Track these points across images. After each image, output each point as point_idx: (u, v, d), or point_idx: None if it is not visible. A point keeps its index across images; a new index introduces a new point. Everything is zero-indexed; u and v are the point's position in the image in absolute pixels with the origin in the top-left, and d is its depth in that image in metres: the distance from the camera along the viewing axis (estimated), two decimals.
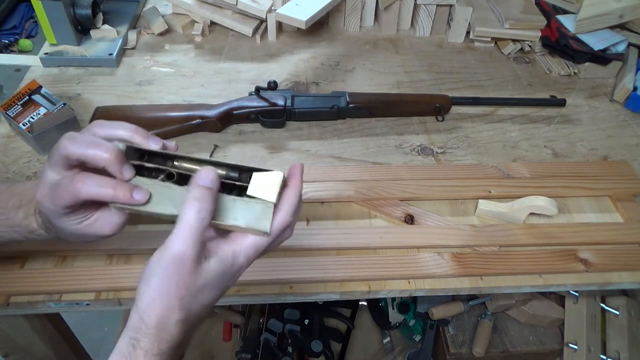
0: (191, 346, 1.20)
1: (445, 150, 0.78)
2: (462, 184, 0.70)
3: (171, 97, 0.85)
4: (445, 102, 0.83)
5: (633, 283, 0.62)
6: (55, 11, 0.86)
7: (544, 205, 0.64)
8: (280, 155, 0.76)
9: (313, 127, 0.82)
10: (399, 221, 0.66)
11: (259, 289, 0.58)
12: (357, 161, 0.76)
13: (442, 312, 1.04)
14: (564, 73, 0.96)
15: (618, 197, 0.71)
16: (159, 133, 0.75)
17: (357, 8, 1.03)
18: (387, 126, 0.83)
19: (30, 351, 0.72)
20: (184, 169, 0.41)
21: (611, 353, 0.96)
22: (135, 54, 0.95)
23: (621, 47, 0.97)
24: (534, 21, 0.99)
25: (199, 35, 1.00)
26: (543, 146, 0.81)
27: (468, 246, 0.63)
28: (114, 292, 0.57)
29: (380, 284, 0.60)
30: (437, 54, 1.01)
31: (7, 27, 0.92)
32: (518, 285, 0.61)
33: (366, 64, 0.97)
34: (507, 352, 1.03)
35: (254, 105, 0.79)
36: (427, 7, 1.02)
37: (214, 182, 0.38)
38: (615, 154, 0.80)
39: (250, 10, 0.97)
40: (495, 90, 0.92)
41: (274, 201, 0.39)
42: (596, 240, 0.65)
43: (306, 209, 0.67)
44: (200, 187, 0.37)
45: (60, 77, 0.88)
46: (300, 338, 1.11)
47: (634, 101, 0.89)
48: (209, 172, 0.38)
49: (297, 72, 0.94)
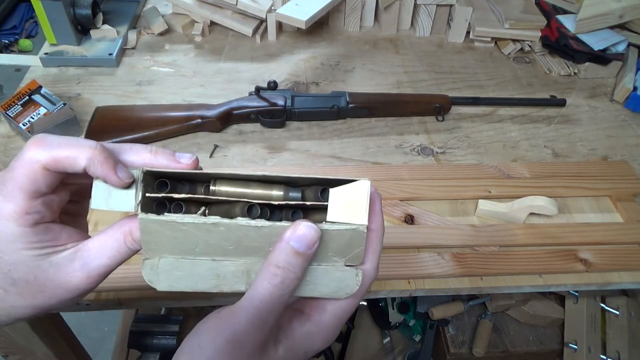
0: None
1: (445, 150, 0.78)
2: (462, 184, 0.70)
3: (171, 97, 0.85)
4: (445, 102, 0.83)
5: (633, 283, 0.62)
6: (55, 11, 0.86)
7: (544, 205, 0.64)
8: (280, 155, 0.76)
9: (313, 127, 0.82)
10: (399, 221, 0.66)
11: None
12: (357, 161, 0.76)
13: (442, 312, 1.04)
14: (564, 73, 0.96)
15: (618, 197, 0.71)
16: (159, 133, 0.75)
17: (357, 8, 1.03)
18: (387, 126, 0.83)
19: (30, 351, 0.72)
20: (232, 195, 0.30)
21: (611, 353, 0.96)
22: (135, 54, 0.95)
23: (621, 47, 0.97)
24: (534, 21, 0.99)
25: (199, 35, 1.00)
26: (543, 146, 0.81)
27: (468, 246, 0.63)
28: (114, 292, 0.57)
29: (380, 284, 0.60)
30: (437, 54, 1.01)
31: (7, 27, 0.92)
32: (518, 285, 0.61)
33: (366, 64, 0.97)
34: (507, 352, 1.03)
35: (254, 105, 0.79)
36: (427, 7, 1.01)
37: (312, 246, 0.27)
38: (615, 154, 0.80)
39: (250, 10, 0.97)
40: (495, 90, 0.92)
41: (364, 229, 0.28)
42: (596, 240, 0.65)
43: None
44: (292, 251, 0.27)
45: (60, 77, 0.88)
46: None
47: (634, 101, 0.89)
48: (309, 230, 0.27)
49: (297, 72, 0.94)
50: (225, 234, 0.28)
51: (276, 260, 0.27)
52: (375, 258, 0.30)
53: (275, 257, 0.27)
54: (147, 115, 0.77)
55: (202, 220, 0.27)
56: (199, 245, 0.28)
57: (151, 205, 0.30)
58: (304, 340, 0.30)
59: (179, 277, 0.29)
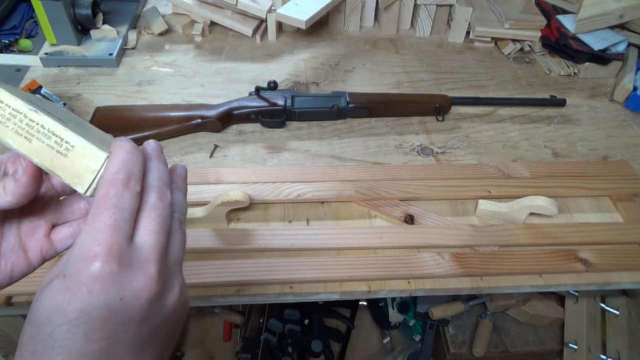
0: (191, 346, 1.20)
1: (445, 150, 0.78)
2: (462, 184, 0.70)
3: (171, 97, 0.85)
4: (445, 102, 0.83)
5: (633, 283, 0.62)
6: (55, 11, 0.86)
7: (544, 205, 0.64)
8: (280, 155, 0.76)
9: (313, 127, 0.82)
10: (399, 221, 0.66)
11: (259, 289, 0.58)
12: (357, 161, 0.76)
13: (442, 312, 1.04)
14: (564, 73, 0.96)
15: (618, 197, 0.71)
16: (159, 133, 0.75)
17: (357, 8, 1.03)
18: (387, 126, 0.83)
19: None
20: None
21: (611, 353, 0.96)
22: (135, 54, 0.95)
23: (621, 47, 0.97)
24: (534, 21, 0.99)
25: (199, 35, 1.00)
26: (543, 146, 0.81)
27: (468, 246, 0.63)
28: None
29: (380, 284, 0.60)
30: (437, 54, 1.01)
31: (7, 27, 0.91)
32: (518, 285, 0.61)
33: (366, 64, 0.97)
34: (507, 352, 1.03)
35: (254, 105, 0.79)
36: (427, 7, 1.02)
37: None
38: (615, 154, 0.80)
39: (250, 10, 0.97)
40: (495, 90, 0.92)
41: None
42: (596, 240, 0.65)
43: (306, 209, 0.67)
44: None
45: (60, 77, 0.88)
46: (300, 338, 1.11)
47: (634, 101, 0.89)
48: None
49: (297, 72, 0.94)
50: None
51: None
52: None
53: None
54: (147, 115, 0.77)
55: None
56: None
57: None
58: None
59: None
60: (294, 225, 0.65)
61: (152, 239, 0.28)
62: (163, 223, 0.29)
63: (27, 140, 0.30)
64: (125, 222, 0.27)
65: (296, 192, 0.67)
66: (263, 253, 0.61)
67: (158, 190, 0.30)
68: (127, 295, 0.26)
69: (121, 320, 0.26)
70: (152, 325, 0.28)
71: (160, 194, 0.30)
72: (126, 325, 0.26)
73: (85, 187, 0.30)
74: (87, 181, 0.30)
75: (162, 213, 0.30)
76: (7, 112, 0.30)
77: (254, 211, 0.66)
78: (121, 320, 0.26)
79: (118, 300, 0.26)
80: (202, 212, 0.62)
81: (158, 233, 0.29)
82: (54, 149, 0.30)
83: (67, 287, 0.26)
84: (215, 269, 0.58)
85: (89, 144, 0.30)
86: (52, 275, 0.28)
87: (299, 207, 0.67)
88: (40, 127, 0.30)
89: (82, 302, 0.25)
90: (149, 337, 0.28)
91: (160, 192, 0.30)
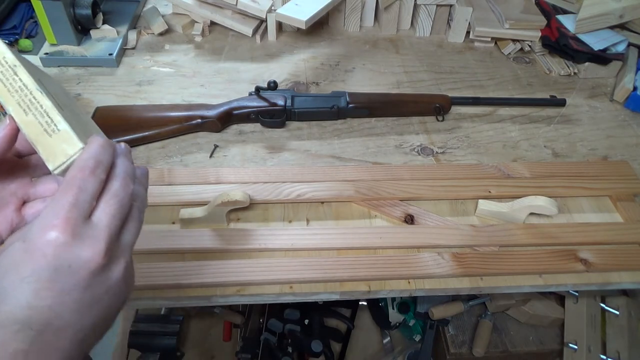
0: (191, 346, 1.20)
1: (445, 150, 0.78)
2: (462, 184, 0.70)
3: (171, 97, 0.85)
4: (445, 102, 0.83)
5: (633, 283, 0.62)
6: (55, 11, 0.86)
7: (544, 205, 0.64)
8: (280, 155, 0.76)
9: (313, 127, 0.82)
10: (399, 221, 0.66)
11: (259, 289, 0.58)
12: (357, 161, 0.76)
13: (442, 312, 1.04)
14: (564, 73, 0.96)
15: (618, 197, 0.71)
16: (159, 133, 0.75)
17: (357, 8, 1.03)
18: (387, 126, 0.83)
19: None
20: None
21: (611, 353, 0.96)
22: (135, 54, 0.95)
23: (621, 47, 0.97)
24: (534, 21, 0.99)
25: (199, 35, 1.00)
26: (543, 146, 0.81)
27: (468, 246, 0.63)
28: None
29: (380, 284, 0.60)
30: (437, 54, 1.01)
31: (7, 27, 0.91)
32: (518, 285, 0.61)
33: (366, 64, 0.97)
34: (507, 352, 1.03)
35: (254, 105, 0.79)
36: (427, 7, 1.02)
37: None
38: (615, 154, 0.80)
39: (250, 10, 0.97)
40: (495, 90, 0.92)
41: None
42: (596, 240, 0.65)
43: (306, 209, 0.67)
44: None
45: (60, 77, 0.88)
46: (300, 338, 1.11)
47: (634, 101, 0.89)
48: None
49: (297, 72, 0.94)
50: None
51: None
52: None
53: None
54: (147, 115, 0.77)
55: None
56: None
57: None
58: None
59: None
60: (294, 225, 0.65)
61: (107, 219, 0.32)
62: (121, 209, 0.33)
63: (24, 113, 0.35)
64: (85, 202, 0.32)
65: (296, 192, 0.67)
66: (263, 253, 0.61)
67: (122, 181, 0.34)
68: (75, 263, 0.30)
69: (67, 284, 0.30)
70: (94, 293, 0.31)
71: (123, 183, 0.34)
72: (71, 289, 0.30)
73: (56, 166, 0.34)
74: (59, 162, 0.34)
75: (122, 200, 0.34)
76: (17, 86, 0.36)
77: (254, 211, 0.66)
78: (67, 284, 0.30)
79: (66, 267, 0.30)
80: (202, 212, 0.62)
81: (114, 216, 0.33)
82: (42, 127, 0.35)
83: (25, 250, 0.30)
84: (215, 269, 0.58)
85: (72, 133, 0.35)
86: (15, 239, 0.33)
87: (299, 207, 0.67)
88: (39, 106, 0.35)
89: (35, 264, 0.30)
90: (90, 303, 0.31)
91: (124, 182, 0.34)
